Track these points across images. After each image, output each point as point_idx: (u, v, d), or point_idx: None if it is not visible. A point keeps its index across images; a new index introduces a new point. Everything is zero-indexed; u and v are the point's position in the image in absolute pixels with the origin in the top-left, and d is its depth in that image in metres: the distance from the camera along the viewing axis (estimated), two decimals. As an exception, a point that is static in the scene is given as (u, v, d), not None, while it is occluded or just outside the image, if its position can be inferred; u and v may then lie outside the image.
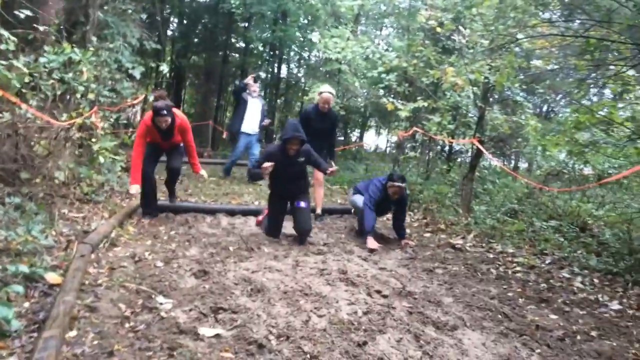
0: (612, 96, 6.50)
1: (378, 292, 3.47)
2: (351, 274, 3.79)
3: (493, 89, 7.26)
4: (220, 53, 18.05)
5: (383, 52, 9.58)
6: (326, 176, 5.36)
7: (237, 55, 19.08)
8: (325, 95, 5.85)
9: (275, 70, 18.74)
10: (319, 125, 5.83)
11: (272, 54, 18.51)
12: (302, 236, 4.80)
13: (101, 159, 5.47)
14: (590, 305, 3.67)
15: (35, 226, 3.58)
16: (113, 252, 3.86)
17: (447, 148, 11.53)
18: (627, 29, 4.62)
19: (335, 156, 6.46)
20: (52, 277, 2.95)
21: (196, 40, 17.73)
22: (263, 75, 18.27)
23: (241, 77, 18.73)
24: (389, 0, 11.59)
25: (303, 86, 19.05)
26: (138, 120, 13.46)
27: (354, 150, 16.31)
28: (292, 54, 19.84)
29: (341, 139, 17.45)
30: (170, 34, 17.81)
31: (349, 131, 20.34)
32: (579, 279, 4.27)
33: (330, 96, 5.87)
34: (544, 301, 3.67)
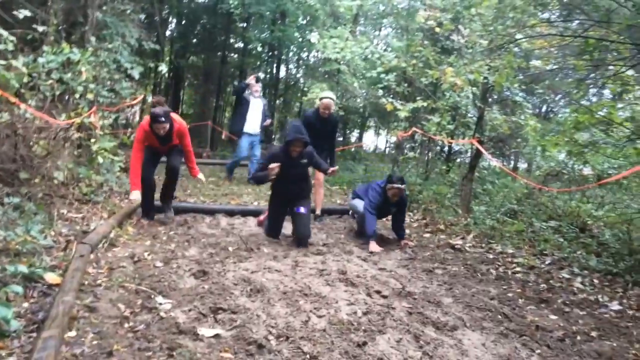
0: (612, 96, 6.50)
1: (378, 293, 3.46)
2: (351, 275, 3.78)
3: (492, 89, 7.26)
4: (218, 53, 18.06)
5: (382, 52, 9.58)
6: (327, 176, 5.33)
7: (236, 55, 19.10)
8: (326, 101, 5.80)
9: (274, 70, 18.77)
10: (320, 129, 5.80)
11: (271, 55, 18.53)
12: (301, 241, 4.75)
13: (100, 159, 5.46)
14: (590, 305, 3.67)
15: (34, 226, 3.57)
16: (112, 253, 3.85)
17: (447, 148, 11.51)
18: (626, 29, 4.61)
19: (335, 157, 6.45)
20: (51, 277, 2.95)
21: (195, 40, 17.74)
22: (262, 75, 18.25)
23: (240, 78, 18.77)
24: (388, 0, 11.59)
25: (302, 86, 19.06)
26: (137, 120, 13.50)
27: (353, 150, 16.31)
28: (291, 55, 19.86)
29: (340, 139, 17.45)
30: (168, 35, 17.81)
31: (348, 132, 20.34)
32: (579, 280, 4.27)
33: (331, 102, 5.83)
34: (544, 302, 3.67)
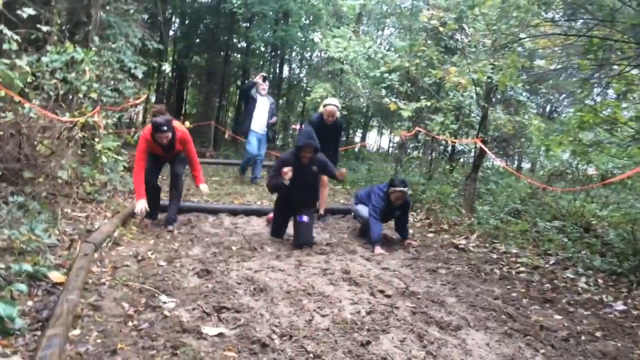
0: (616, 96, 6.48)
1: (381, 292, 3.46)
2: (354, 274, 3.78)
3: (496, 89, 7.25)
4: (222, 53, 18.06)
5: (385, 52, 9.56)
6: (337, 180, 5.23)
7: (239, 55, 19.07)
8: (330, 108, 5.77)
9: (277, 70, 18.76)
10: (325, 134, 5.76)
11: (274, 54, 18.52)
12: (301, 248, 4.61)
13: (104, 159, 5.47)
14: (594, 305, 3.65)
15: (38, 225, 3.58)
16: (116, 251, 3.86)
17: (450, 148, 11.49)
18: (631, 28, 4.59)
19: (338, 158, 6.45)
20: (56, 276, 2.96)
21: (198, 40, 17.73)
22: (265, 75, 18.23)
23: (243, 77, 18.77)
24: None
25: (305, 86, 19.05)
26: (140, 120, 13.50)
27: (357, 150, 16.30)
28: (294, 54, 19.85)
29: (343, 139, 17.42)
30: (172, 34, 17.82)
31: (351, 132, 20.33)
32: (583, 280, 4.25)
33: (335, 109, 5.78)
34: (548, 301, 3.66)
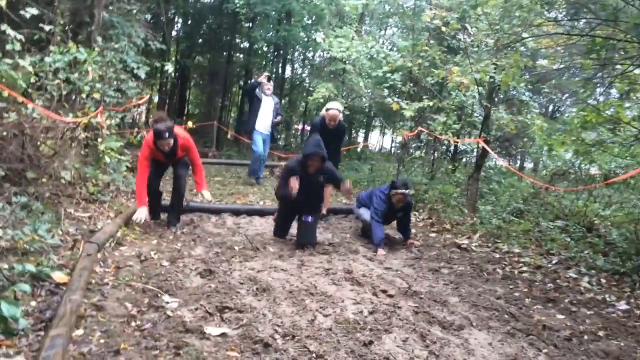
0: (619, 95, 6.46)
1: (384, 292, 3.46)
2: (357, 274, 3.78)
3: (498, 89, 7.23)
4: (224, 53, 18.07)
5: (388, 52, 9.56)
6: (340, 191, 5.16)
7: (242, 55, 19.10)
8: (332, 112, 5.76)
9: (279, 70, 18.77)
10: (327, 138, 5.75)
11: (277, 54, 18.54)
12: (303, 247, 4.61)
13: (107, 159, 5.47)
14: (597, 305, 3.65)
15: (41, 225, 3.59)
16: (119, 252, 3.87)
17: (453, 148, 11.49)
18: (634, 28, 4.58)
19: (340, 158, 6.44)
20: (59, 276, 2.97)
21: (200, 40, 17.75)
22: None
23: (245, 77, 18.79)
24: (394, -1, 11.58)
25: (307, 86, 19.05)
26: (143, 120, 13.52)
27: (359, 150, 16.29)
28: (297, 54, 19.86)
29: (345, 139, 17.40)
30: (174, 35, 17.83)
31: (354, 132, 20.32)
32: (586, 279, 4.24)
33: (337, 113, 5.78)
34: (551, 301, 3.65)
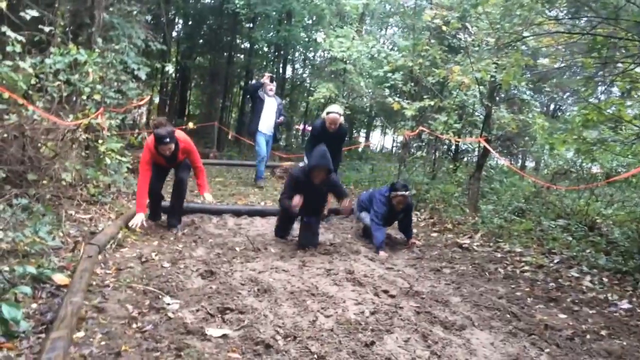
0: (620, 94, 6.44)
1: (385, 292, 3.46)
2: (358, 274, 3.78)
3: (499, 88, 7.21)
4: (225, 54, 18.07)
5: (388, 52, 9.55)
6: (340, 205, 5.02)
7: (242, 56, 19.11)
8: (332, 116, 5.74)
9: (280, 70, 18.77)
10: (328, 141, 5.75)
11: (277, 55, 18.53)
12: (305, 249, 4.59)
13: (108, 160, 5.47)
14: (599, 304, 3.64)
15: (42, 227, 3.58)
16: (120, 253, 3.87)
17: (454, 147, 11.47)
18: (635, 26, 4.57)
19: (341, 158, 6.43)
20: (60, 278, 2.96)
21: (201, 41, 17.76)
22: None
23: (246, 78, 18.79)
24: (394, -1, 11.58)
25: (308, 86, 19.05)
26: (144, 121, 13.52)
27: (360, 150, 16.28)
28: (297, 54, 19.86)
29: (346, 139, 17.40)
30: (175, 35, 17.85)
31: (355, 132, 20.31)
32: (588, 278, 4.24)
33: (337, 116, 5.76)
34: (553, 300, 3.65)
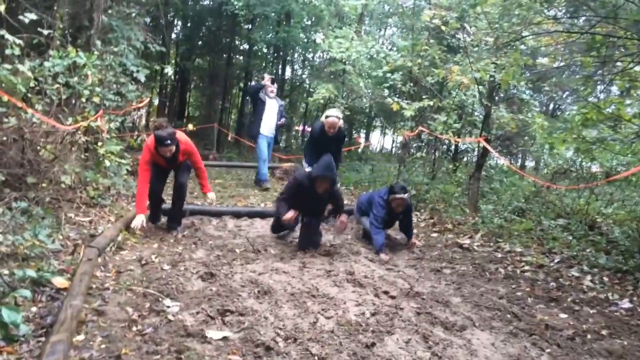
0: (619, 93, 6.44)
1: (386, 293, 3.45)
2: (358, 275, 3.78)
3: (499, 87, 7.21)
4: (224, 55, 18.09)
5: (387, 52, 9.56)
6: (334, 219, 5.00)
7: (241, 57, 19.11)
8: (331, 119, 5.75)
9: (279, 71, 18.77)
10: (327, 144, 5.75)
11: (276, 56, 18.55)
12: (306, 250, 4.58)
13: (107, 163, 5.47)
14: (600, 303, 3.64)
15: (42, 230, 3.58)
16: (120, 256, 3.87)
17: (453, 147, 11.46)
18: (633, 25, 4.56)
19: (341, 159, 6.42)
20: (59, 281, 2.96)
21: (200, 42, 17.77)
22: (267, 76, 18.22)
23: (245, 79, 18.79)
24: (393, -1, 11.58)
25: (308, 87, 19.05)
26: (143, 123, 13.52)
27: (360, 151, 16.27)
28: (296, 55, 19.87)
29: (346, 140, 17.39)
30: (174, 37, 17.87)
31: (355, 133, 20.30)
32: (589, 278, 4.23)
33: (336, 120, 5.76)
34: (554, 300, 3.65)
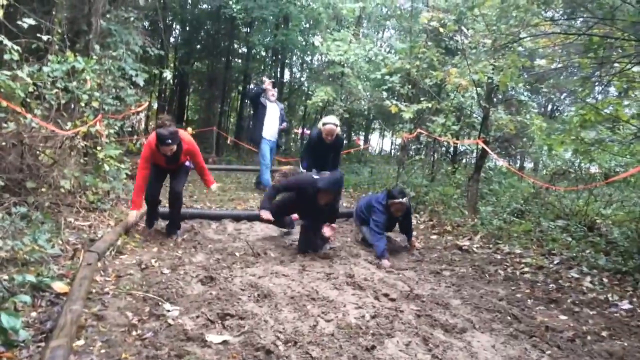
0: (617, 94, 6.46)
1: (385, 296, 3.45)
2: (358, 278, 3.77)
3: (497, 89, 7.23)
4: (222, 59, 18.12)
5: (386, 54, 9.59)
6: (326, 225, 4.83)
7: (240, 60, 19.15)
8: (329, 127, 5.76)
9: (278, 74, 18.80)
10: (324, 151, 5.75)
11: (275, 59, 18.58)
12: (305, 253, 4.56)
13: (106, 167, 5.47)
14: (600, 305, 3.64)
15: (41, 235, 3.58)
16: (119, 260, 3.86)
17: (452, 149, 11.48)
18: (631, 26, 4.58)
19: (340, 161, 6.43)
20: (59, 286, 2.96)
21: (199, 46, 17.81)
22: (266, 80, 18.25)
23: (244, 83, 18.81)
24: (391, 2, 11.60)
25: (306, 90, 19.07)
26: (142, 127, 13.51)
27: (359, 153, 16.29)
28: (295, 58, 19.89)
29: (345, 141, 17.41)
30: (172, 41, 17.90)
31: (354, 135, 20.31)
32: (588, 279, 4.23)
33: (334, 128, 5.77)
34: (553, 302, 3.65)
